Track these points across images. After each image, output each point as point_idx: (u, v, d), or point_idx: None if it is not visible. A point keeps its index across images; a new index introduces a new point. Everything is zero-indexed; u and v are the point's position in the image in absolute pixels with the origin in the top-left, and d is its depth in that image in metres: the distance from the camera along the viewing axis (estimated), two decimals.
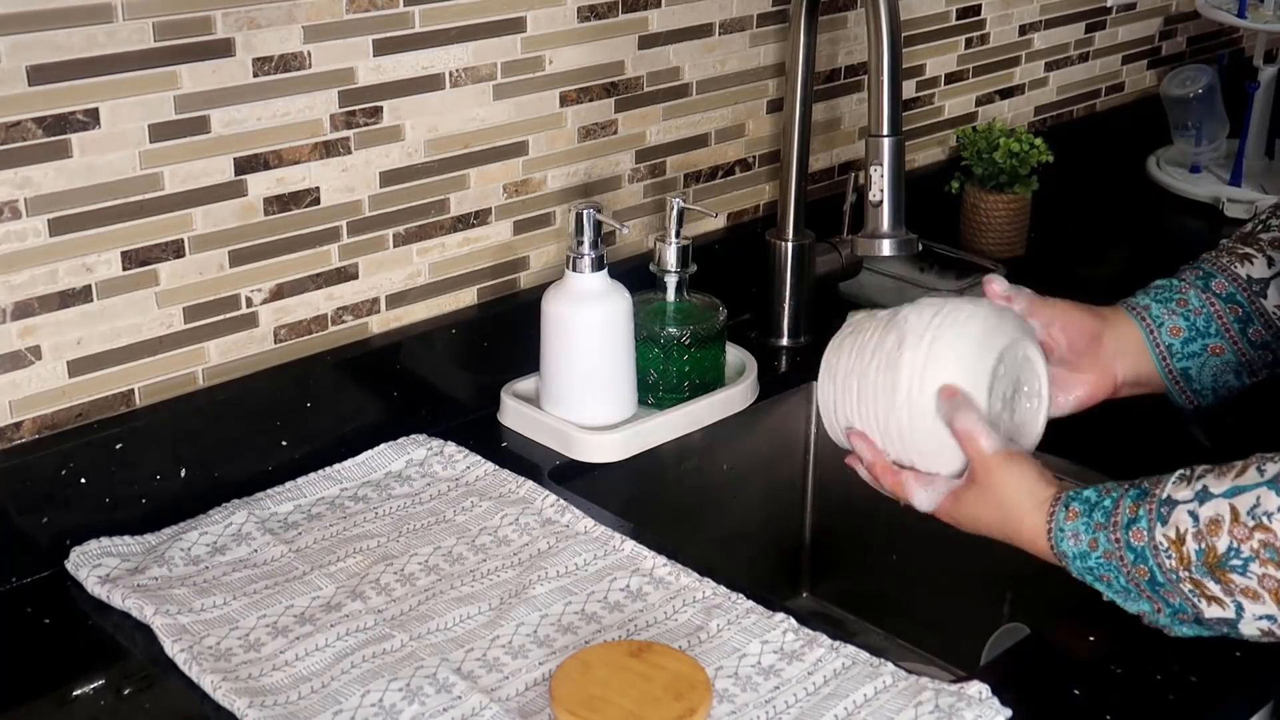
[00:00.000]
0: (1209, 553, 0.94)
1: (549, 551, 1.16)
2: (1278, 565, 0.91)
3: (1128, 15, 2.11)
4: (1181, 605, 0.98)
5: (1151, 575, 0.98)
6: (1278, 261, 1.18)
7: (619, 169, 1.52)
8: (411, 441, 1.31)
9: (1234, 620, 0.96)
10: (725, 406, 1.41)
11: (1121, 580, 1.00)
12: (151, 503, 1.21)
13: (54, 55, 1.10)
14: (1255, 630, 0.96)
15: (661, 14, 1.49)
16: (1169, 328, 1.19)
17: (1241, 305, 1.18)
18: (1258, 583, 0.92)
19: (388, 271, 1.36)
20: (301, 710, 0.98)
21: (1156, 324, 1.19)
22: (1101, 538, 1.00)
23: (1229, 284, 1.19)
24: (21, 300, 1.14)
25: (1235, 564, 0.93)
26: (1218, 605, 0.96)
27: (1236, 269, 1.19)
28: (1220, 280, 1.19)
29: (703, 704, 0.92)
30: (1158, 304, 1.20)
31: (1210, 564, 0.94)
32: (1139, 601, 1.01)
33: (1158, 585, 0.98)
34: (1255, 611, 0.94)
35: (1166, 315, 1.19)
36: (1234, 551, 0.93)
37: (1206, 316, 1.19)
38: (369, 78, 1.29)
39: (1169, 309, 1.19)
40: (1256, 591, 0.93)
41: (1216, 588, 0.95)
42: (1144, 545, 0.97)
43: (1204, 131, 2.03)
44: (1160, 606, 1.00)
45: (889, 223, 1.28)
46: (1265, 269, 1.18)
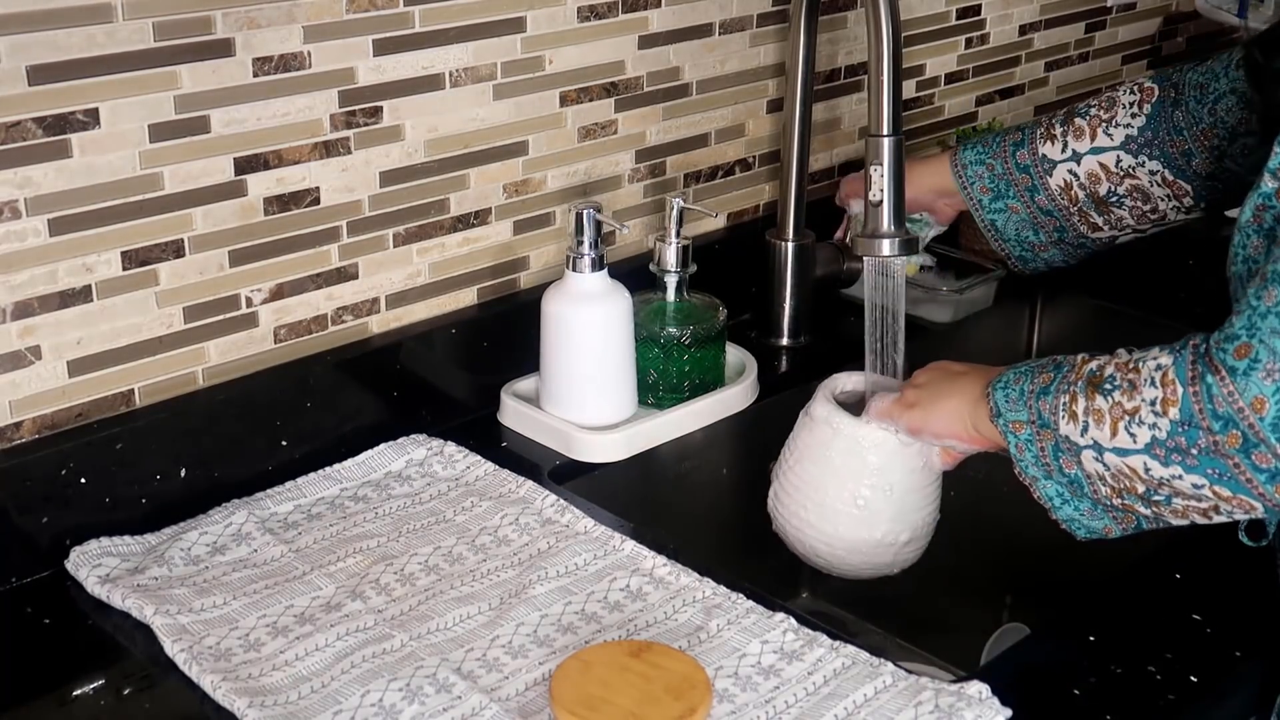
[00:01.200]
0: (1098, 372, 1.02)
1: (549, 551, 1.16)
2: (1129, 397, 0.98)
3: (1128, 15, 2.11)
4: (1048, 419, 1.04)
5: (1050, 382, 1.05)
6: (1069, 149, 1.35)
7: (619, 169, 1.52)
8: (411, 441, 1.31)
9: (1077, 446, 1.02)
10: (725, 406, 1.41)
11: (1025, 385, 1.07)
12: (151, 503, 1.21)
13: (54, 55, 1.10)
14: (1092, 469, 1.02)
15: (661, 14, 1.49)
16: (979, 186, 1.41)
17: (1031, 176, 1.37)
18: (1109, 408, 0.99)
19: (388, 271, 1.36)
20: (301, 710, 0.98)
21: (970, 182, 1.41)
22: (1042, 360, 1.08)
23: (1028, 156, 1.37)
24: (21, 300, 1.14)
25: (1106, 388, 1.00)
26: (1072, 422, 1.02)
27: (1039, 145, 1.37)
28: (1024, 151, 1.38)
29: (703, 704, 0.92)
30: (972, 164, 1.41)
31: (1092, 381, 1.01)
32: (1020, 410, 1.06)
33: (1045, 394, 1.05)
34: (1093, 436, 1.00)
35: (977, 176, 1.41)
36: (1111, 378, 1.00)
37: (1006, 181, 1.39)
38: (369, 78, 1.29)
39: (979, 171, 1.41)
40: (1102, 414, 1.00)
41: (1082, 403, 1.01)
42: (1065, 362, 1.06)
43: None
44: (1033, 417, 1.05)
45: (889, 223, 1.28)
46: (1058, 153, 1.36)
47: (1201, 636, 1.07)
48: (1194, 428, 0.94)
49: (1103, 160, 1.33)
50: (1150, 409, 0.97)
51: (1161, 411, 0.96)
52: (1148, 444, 0.97)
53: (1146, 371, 0.98)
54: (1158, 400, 0.96)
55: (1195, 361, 0.95)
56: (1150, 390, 0.97)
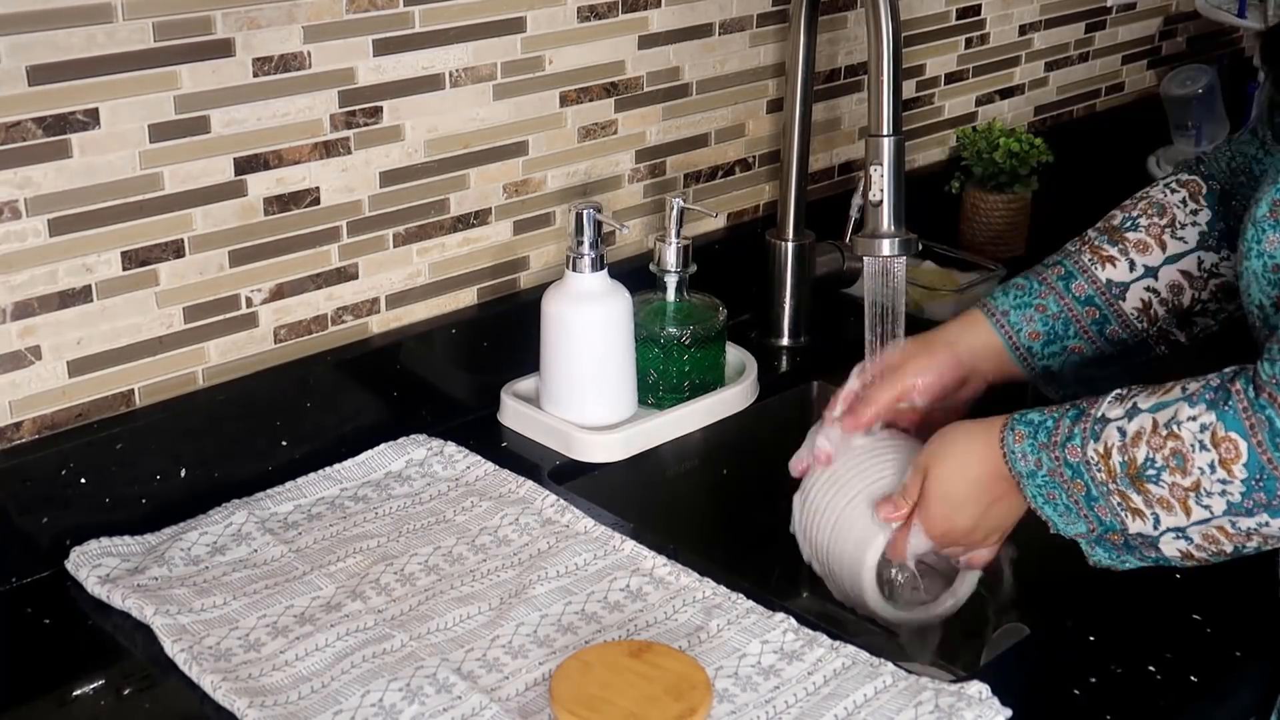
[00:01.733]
0: (1130, 464, 0.97)
1: (549, 551, 1.16)
2: (1184, 473, 0.94)
3: (1128, 15, 2.11)
4: (1111, 522, 1.00)
5: (1087, 490, 1.00)
6: (1139, 266, 1.21)
7: (619, 169, 1.52)
8: (411, 441, 1.31)
9: (1153, 537, 0.98)
10: (725, 406, 1.41)
11: (1063, 499, 1.02)
12: (151, 503, 1.21)
13: (54, 55, 1.10)
14: (1175, 551, 0.99)
15: (661, 14, 1.49)
16: (1027, 333, 1.23)
17: (1099, 308, 1.22)
18: (1169, 492, 0.95)
19: (388, 271, 1.36)
20: (301, 710, 0.98)
21: (1015, 329, 1.23)
22: (1045, 457, 1.02)
23: (1089, 287, 1.22)
24: (21, 300, 1.14)
25: (1150, 474, 0.96)
26: (1139, 519, 0.98)
27: (1097, 272, 1.22)
28: (1080, 283, 1.22)
29: (703, 704, 0.91)
30: (1016, 310, 1.23)
31: (1132, 475, 0.97)
32: (1078, 523, 1.02)
33: (1092, 500, 1.00)
34: (1168, 524, 0.97)
35: (1024, 321, 1.23)
36: (1150, 461, 0.96)
37: (1065, 320, 1.22)
38: (369, 78, 1.29)
39: (1027, 314, 1.23)
40: (1169, 501, 0.96)
41: (1138, 499, 0.97)
42: (1079, 461, 1.00)
43: (1204, 131, 2.03)
44: (1094, 526, 1.02)
45: (889, 222, 1.28)
46: (1127, 272, 1.21)
47: (1201, 636, 1.07)
48: (1269, 479, 0.91)
49: (1183, 267, 1.21)
50: (1212, 476, 0.93)
51: (1227, 476, 0.92)
52: (1225, 510, 0.94)
53: (1189, 437, 0.94)
54: (1215, 464, 0.93)
55: (1250, 409, 0.91)
56: (1202, 455, 0.93)
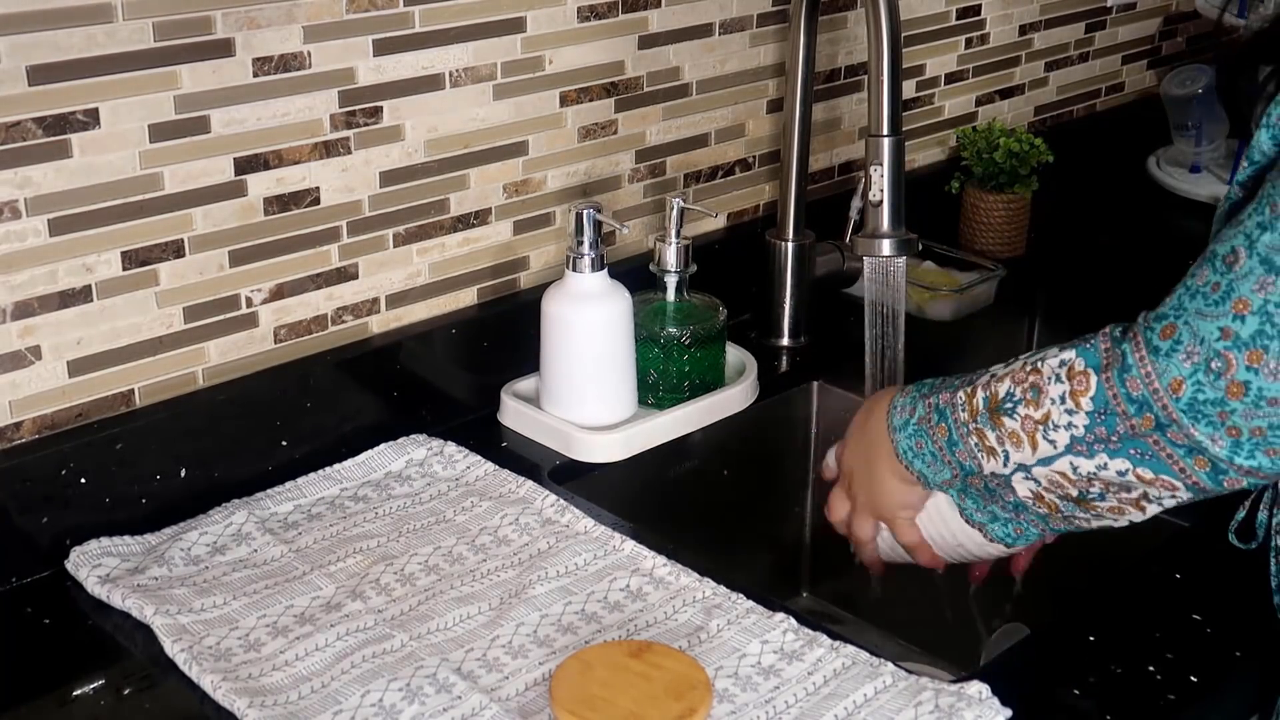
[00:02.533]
0: (992, 399, 1.00)
1: (549, 551, 1.16)
2: (1036, 406, 0.97)
3: (1128, 15, 2.11)
4: (970, 465, 1.02)
5: (949, 433, 1.03)
6: None
7: (619, 169, 1.52)
8: (411, 441, 1.31)
9: (1005, 475, 1.00)
10: (725, 406, 1.41)
11: (929, 445, 1.05)
12: (151, 503, 1.21)
13: (54, 55, 1.10)
14: (1027, 492, 1.01)
15: (661, 14, 1.49)
16: None
17: None
18: (1020, 425, 0.98)
19: (388, 271, 1.36)
20: (301, 710, 0.98)
21: None
22: (920, 405, 1.06)
23: None
24: (21, 300, 1.14)
25: (1008, 407, 0.98)
26: (992, 458, 1.00)
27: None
28: None
29: (703, 704, 0.92)
30: None
31: (991, 409, 1.00)
32: (943, 469, 1.05)
33: (953, 445, 1.03)
34: (1016, 459, 0.99)
35: None
36: (1009, 395, 0.99)
37: None
38: (369, 78, 1.29)
39: None
40: (1019, 435, 0.98)
41: (992, 436, 1.00)
42: (946, 405, 1.04)
43: (1204, 131, 2.03)
44: (956, 472, 1.04)
45: (889, 222, 1.28)
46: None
47: (1201, 636, 1.07)
48: (1110, 414, 0.93)
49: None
50: (1060, 407, 0.96)
51: (1074, 406, 0.95)
52: (1068, 444, 0.96)
53: (1049, 370, 0.97)
54: (1066, 395, 0.95)
55: (1111, 347, 0.94)
56: (1056, 387, 0.96)
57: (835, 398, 1.48)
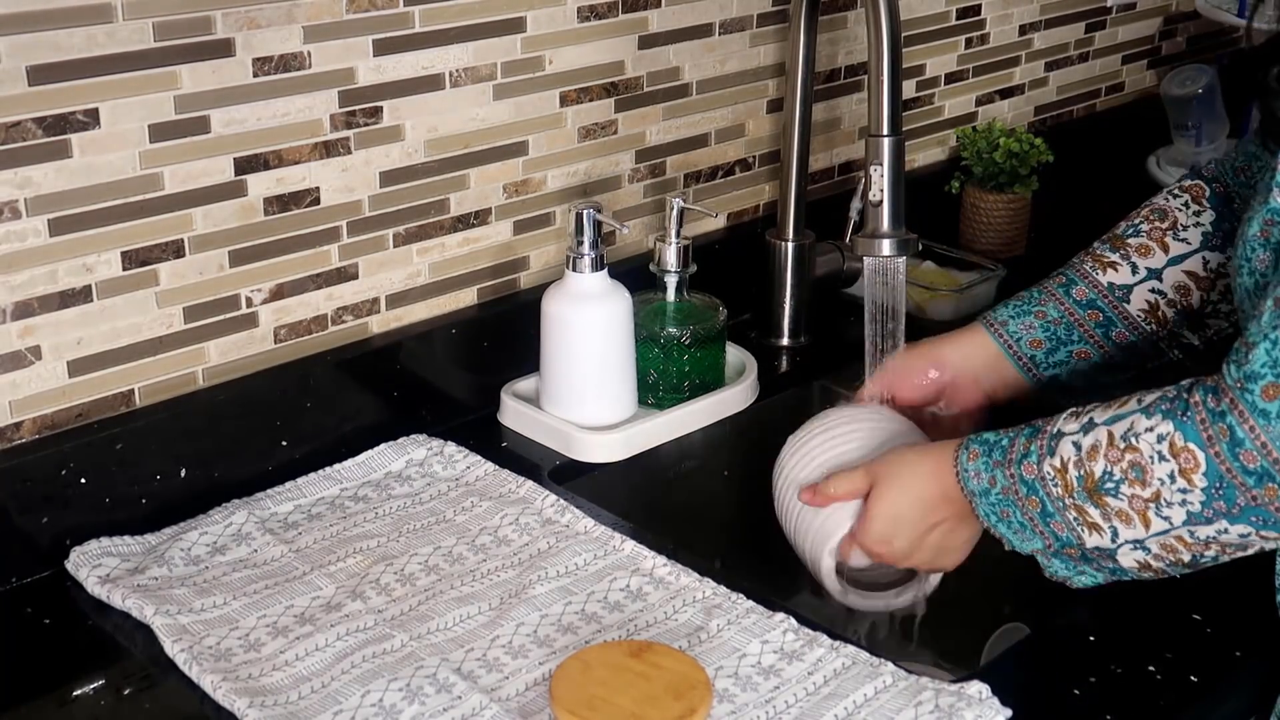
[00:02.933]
0: (1088, 478, 0.97)
1: (549, 551, 1.16)
2: (1143, 485, 0.94)
3: (1128, 15, 2.11)
4: (1068, 537, 1.00)
5: (1042, 506, 1.00)
6: (1141, 268, 1.22)
7: (619, 169, 1.52)
8: (411, 441, 1.31)
9: (1111, 550, 0.98)
10: (725, 406, 1.41)
11: (1018, 515, 1.02)
12: (151, 503, 1.21)
13: (54, 55, 1.10)
14: (1133, 562, 0.98)
15: (661, 14, 1.49)
16: (1028, 340, 1.23)
17: (1102, 310, 1.22)
18: (1128, 504, 0.95)
19: (388, 271, 1.36)
20: (301, 710, 0.98)
21: (1015, 339, 1.24)
22: (999, 474, 1.02)
23: (1089, 291, 1.23)
24: (21, 300, 1.14)
25: (1109, 486, 0.96)
26: (1096, 533, 0.98)
27: (1098, 276, 1.23)
28: (1081, 288, 1.23)
29: (703, 704, 0.92)
30: (1015, 319, 1.24)
31: (1089, 489, 0.97)
32: (1033, 539, 1.02)
33: (1048, 517, 1.00)
34: (1126, 536, 0.96)
35: (1024, 330, 1.24)
36: (1108, 474, 0.96)
37: (1067, 325, 1.23)
38: (369, 78, 1.29)
39: (1026, 322, 1.24)
40: (1127, 514, 0.95)
41: (1095, 513, 0.97)
42: (1034, 478, 1.00)
43: (1204, 131, 2.03)
44: (1051, 542, 1.01)
45: (889, 222, 1.28)
46: (1129, 276, 1.22)
47: (1201, 636, 1.07)
48: (1229, 487, 0.91)
49: (1188, 268, 1.21)
50: (1172, 486, 0.92)
51: (1187, 486, 0.92)
52: (1185, 520, 0.93)
53: (1149, 449, 0.93)
54: (1175, 474, 0.92)
55: (1209, 420, 0.91)
56: (1162, 466, 0.93)
57: (835, 398, 1.48)
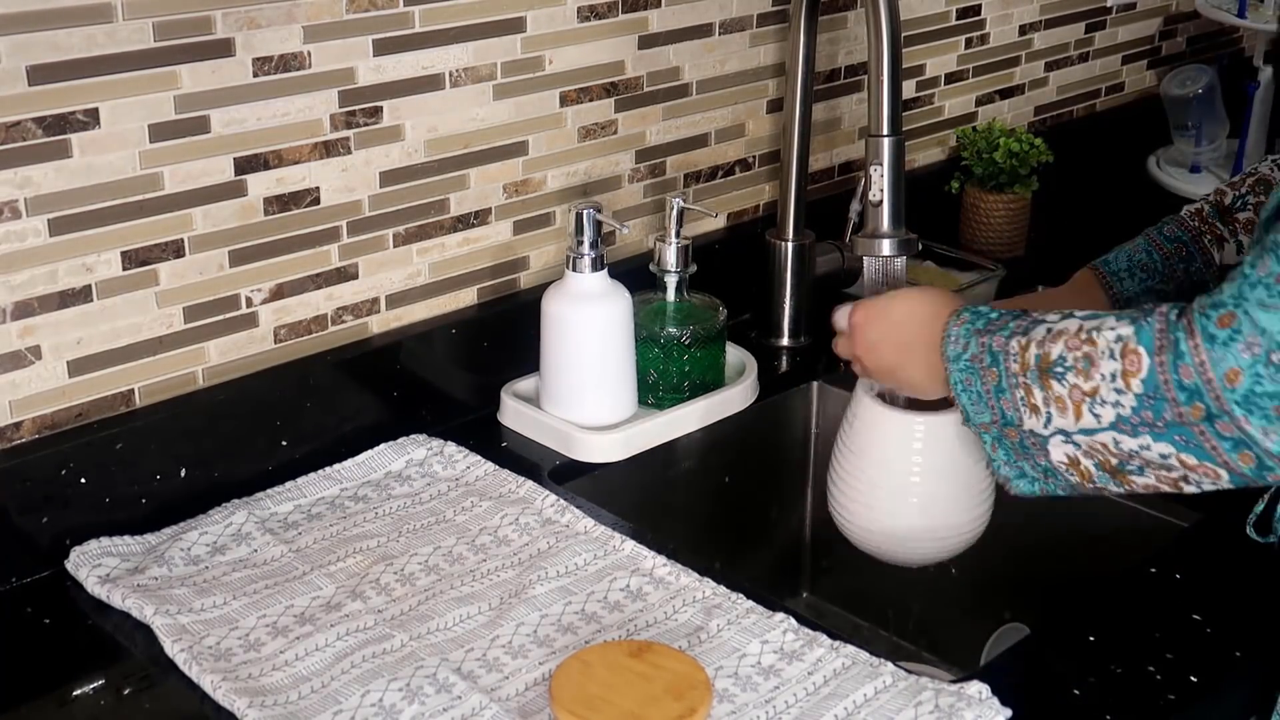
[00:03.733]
0: (1044, 359, 0.98)
1: (549, 551, 1.16)
2: (1086, 378, 0.95)
3: (1128, 15, 2.11)
4: (1011, 416, 1.01)
5: (998, 379, 1.01)
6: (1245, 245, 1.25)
7: (619, 169, 1.52)
8: (411, 441, 1.31)
9: (1044, 436, 0.99)
10: (725, 406, 1.41)
11: (977, 385, 1.03)
12: (151, 503, 1.21)
13: (54, 55, 1.10)
14: (1062, 456, 0.99)
15: (661, 14, 1.49)
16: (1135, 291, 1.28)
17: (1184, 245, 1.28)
18: (1067, 392, 0.96)
19: (388, 271, 1.36)
20: (301, 710, 0.98)
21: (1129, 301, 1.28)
22: (974, 341, 1.04)
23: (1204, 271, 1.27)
24: (21, 300, 1.14)
25: (1058, 371, 0.97)
26: (1034, 415, 0.99)
27: (1213, 252, 1.27)
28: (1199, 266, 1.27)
29: (703, 704, 0.92)
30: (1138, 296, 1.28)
31: (1041, 368, 0.98)
32: (984, 411, 1.03)
33: (1000, 391, 1.01)
34: (1058, 424, 0.98)
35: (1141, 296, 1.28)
36: (1061, 359, 0.97)
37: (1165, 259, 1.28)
38: (369, 78, 1.29)
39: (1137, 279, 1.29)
40: (1064, 401, 0.97)
41: (1039, 395, 0.98)
42: (1000, 350, 1.01)
43: (1204, 131, 2.03)
44: (996, 417, 1.02)
45: (889, 222, 1.28)
46: (1234, 255, 1.26)
47: (1201, 636, 1.07)
48: (1160, 399, 0.92)
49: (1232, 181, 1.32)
50: (1110, 385, 0.94)
51: (1124, 387, 0.94)
52: (1113, 422, 0.95)
53: (1104, 344, 0.95)
54: (1117, 374, 0.94)
55: (1166, 330, 0.92)
56: (1109, 364, 0.94)
57: (835, 398, 1.48)
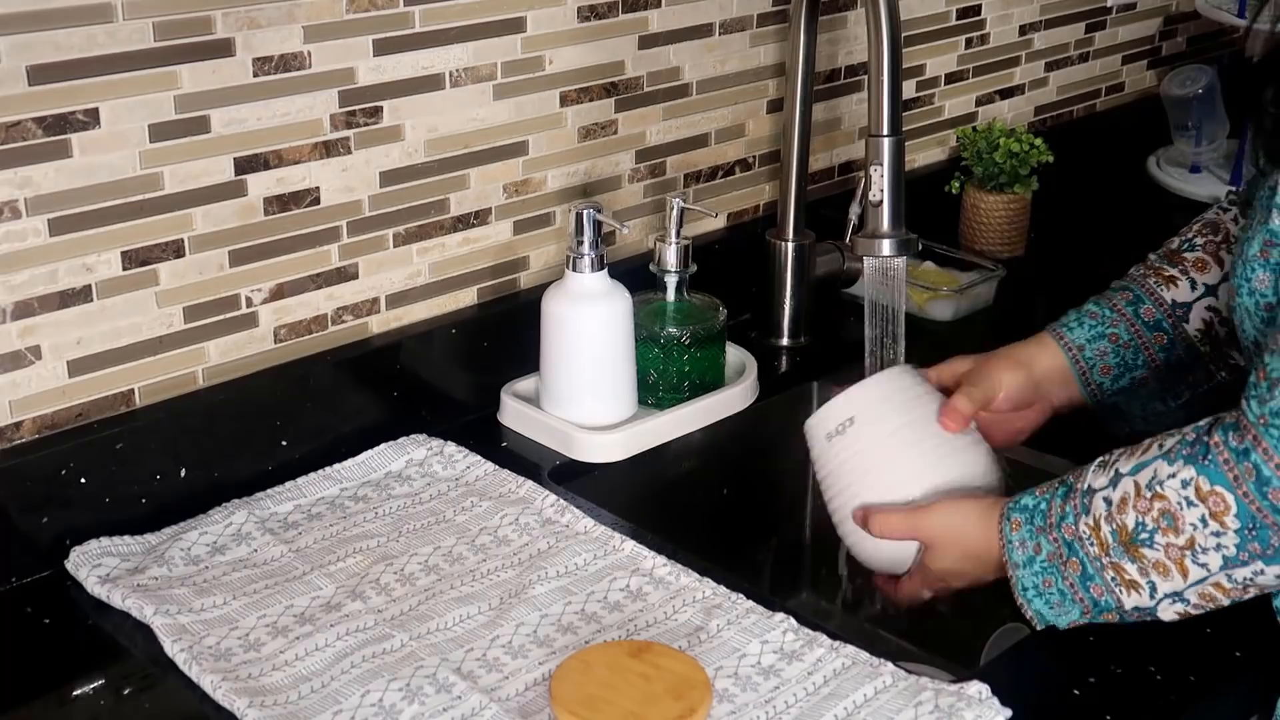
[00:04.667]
0: (1121, 531, 0.96)
1: (549, 551, 1.16)
2: (1176, 532, 0.94)
3: (1128, 15, 2.11)
4: (1106, 601, 0.99)
5: (1082, 569, 1.00)
6: (1199, 284, 1.21)
7: (619, 169, 1.52)
8: (411, 441, 1.31)
9: (1150, 607, 0.98)
10: (725, 406, 1.41)
11: (1059, 583, 1.01)
12: (151, 503, 1.21)
13: (54, 55, 1.10)
14: (1173, 615, 0.98)
15: (661, 14, 1.49)
16: (1100, 368, 1.22)
17: (1166, 333, 1.22)
18: (1164, 554, 0.95)
19: (388, 271, 1.36)
20: (301, 710, 0.98)
21: (1090, 365, 1.22)
22: (1044, 540, 1.02)
23: (1156, 310, 1.22)
24: (21, 300, 1.14)
25: (1143, 537, 0.95)
26: (1135, 592, 0.97)
27: (1163, 293, 1.22)
28: (1148, 306, 1.22)
29: (703, 704, 0.92)
30: (1091, 343, 1.23)
31: (1124, 542, 0.96)
32: (1072, 609, 1.02)
33: (1087, 580, 1.00)
34: (1165, 589, 0.96)
35: (1098, 356, 1.22)
36: (1140, 525, 0.95)
37: (1134, 349, 1.22)
38: (369, 78, 1.29)
39: (1100, 348, 1.22)
40: (1164, 564, 0.95)
41: (1133, 569, 0.97)
42: (1073, 539, 1.00)
43: (1204, 131, 2.03)
44: (1089, 608, 1.01)
45: (889, 223, 1.28)
46: (1189, 292, 1.21)
47: (1201, 636, 1.07)
48: (1261, 528, 0.91)
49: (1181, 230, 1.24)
50: (1204, 530, 0.93)
51: (1220, 529, 0.92)
52: (1221, 565, 0.94)
53: (1173, 495, 0.93)
54: (1205, 517, 0.92)
55: (1231, 460, 0.91)
56: (1191, 512, 0.93)
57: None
